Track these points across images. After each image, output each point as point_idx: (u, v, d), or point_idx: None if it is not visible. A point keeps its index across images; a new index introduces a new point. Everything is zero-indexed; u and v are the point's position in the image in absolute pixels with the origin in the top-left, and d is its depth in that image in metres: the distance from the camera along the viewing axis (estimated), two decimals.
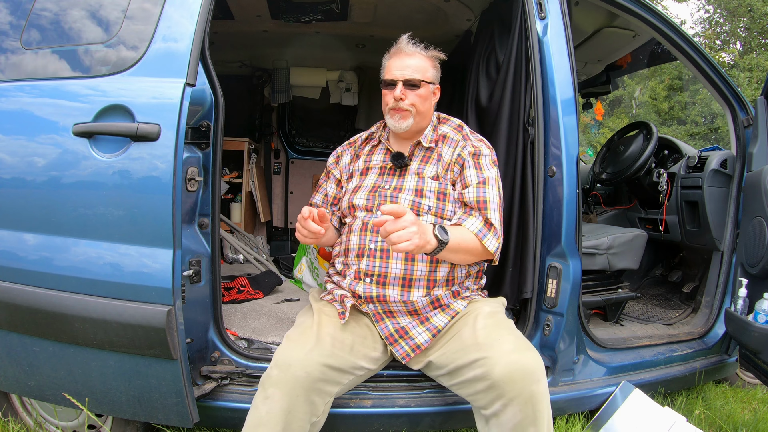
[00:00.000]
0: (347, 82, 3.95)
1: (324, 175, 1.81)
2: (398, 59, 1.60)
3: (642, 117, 14.83)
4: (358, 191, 1.66)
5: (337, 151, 1.82)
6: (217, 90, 1.50)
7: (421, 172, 1.63)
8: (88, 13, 1.53)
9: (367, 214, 1.62)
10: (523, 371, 1.28)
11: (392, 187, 1.63)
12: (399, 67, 1.59)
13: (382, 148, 1.73)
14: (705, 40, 17.00)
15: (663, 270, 3.03)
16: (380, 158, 1.72)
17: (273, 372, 1.31)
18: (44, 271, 1.41)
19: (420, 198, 1.59)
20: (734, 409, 2.19)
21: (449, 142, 1.65)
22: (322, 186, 1.80)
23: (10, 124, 1.46)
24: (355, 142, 1.81)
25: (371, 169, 1.71)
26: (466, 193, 1.56)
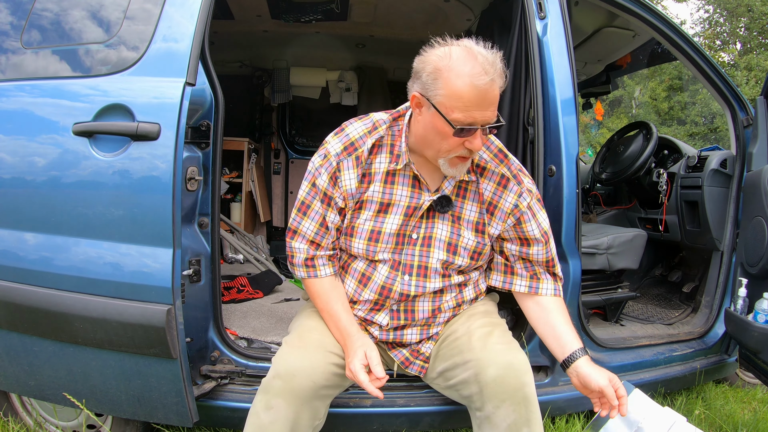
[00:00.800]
0: (347, 82, 3.95)
1: (312, 192, 1.36)
2: (479, 91, 1.13)
3: (642, 117, 14.83)
4: (379, 239, 1.35)
5: (332, 163, 1.33)
6: (217, 90, 1.50)
7: (457, 216, 1.37)
8: (88, 13, 1.53)
9: (391, 272, 1.37)
10: (515, 372, 1.28)
11: (421, 236, 1.36)
12: (481, 105, 1.15)
13: (407, 176, 1.35)
14: (705, 40, 17.00)
15: (663, 270, 3.03)
16: (405, 192, 1.35)
17: (276, 383, 1.24)
18: (44, 270, 1.41)
19: (453, 256, 1.37)
20: (734, 409, 2.19)
21: (492, 177, 1.36)
22: (313, 209, 1.35)
23: (10, 124, 1.46)
24: (356, 150, 1.33)
25: (394, 206, 1.35)
26: (533, 254, 1.41)
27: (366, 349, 1.27)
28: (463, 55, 1.15)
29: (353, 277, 1.41)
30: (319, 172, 1.35)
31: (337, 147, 1.35)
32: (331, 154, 1.34)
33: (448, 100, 1.15)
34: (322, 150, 1.37)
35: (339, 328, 1.34)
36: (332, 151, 1.35)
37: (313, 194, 1.36)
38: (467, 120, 1.16)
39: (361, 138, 1.35)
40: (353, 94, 3.98)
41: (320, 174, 1.35)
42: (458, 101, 1.14)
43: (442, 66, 1.16)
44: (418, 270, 1.37)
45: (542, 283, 1.44)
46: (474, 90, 1.13)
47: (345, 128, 1.38)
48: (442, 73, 1.15)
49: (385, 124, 1.36)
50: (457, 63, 1.14)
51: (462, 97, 1.14)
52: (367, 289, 1.39)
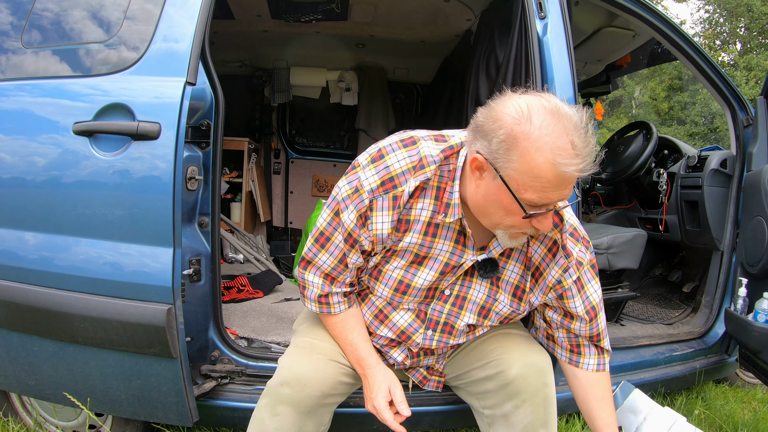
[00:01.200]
0: (347, 81, 3.95)
1: (334, 223, 1.18)
2: (567, 176, 0.93)
3: (642, 117, 14.83)
4: (407, 291, 1.21)
5: (364, 200, 1.11)
6: (218, 89, 1.50)
7: (499, 278, 1.22)
8: (89, 13, 1.53)
9: (415, 321, 1.27)
10: (538, 373, 1.25)
11: (454, 294, 1.24)
12: (561, 186, 0.95)
13: (451, 229, 1.16)
14: (705, 40, 17.01)
15: (663, 270, 3.03)
16: (447, 246, 1.16)
17: (284, 390, 1.19)
18: (45, 269, 1.41)
19: (483, 320, 1.26)
20: (734, 409, 2.19)
21: (544, 241, 1.19)
22: (333, 243, 1.18)
23: (10, 124, 1.46)
24: (395, 188, 1.10)
25: (431, 260, 1.18)
26: (574, 328, 1.28)
27: (390, 385, 1.22)
28: (547, 122, 0.92)
29: (370, 310, 1.30)
30: (345, 205, 1.14)
31: (373, 181, 1.10)
32: (365, 189, 1.11)
33: (521, 176, 0.94)
34: (353, 178, 1.13)
35: (357, 358, 1.27)
36: (366, 185, 1.11)
37: (335, 226, 1.17)
38: (541, 202, 0.96)
39: (403, 174, 1.10)
40: (353, 94, 3.98)
41: (347, 207, 1.13)
42: (535, 181, 0.94)
43: (520, 133, 0.93)
44: (443, 327, 1.28)
45: (584, 357, 1.30)
46: (557, 172, 0.91)
47: (385, 156, 1.12)
48: (518, 143, 0.93)
49: (435, 163, 1.10)
50: (540, 132, 0.92)
51: (540, 177, 0.93)
52: (384, 326, 1.29)
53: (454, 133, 1.16)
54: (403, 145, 1.12)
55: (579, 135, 0.92)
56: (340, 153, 4.31)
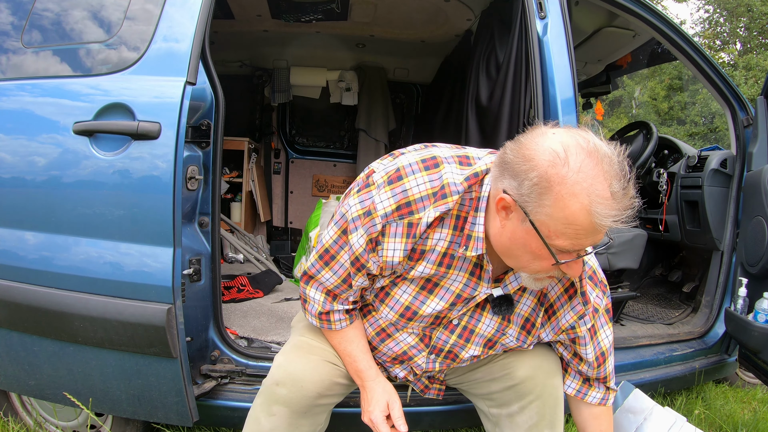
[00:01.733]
0: (347, 81, 3.95)
1: (341, 241, 1.11)
2: (600, 225, 0.86)
3: (642, 117, 14.84)
4: (413, 318, 1.17)
5: (376, 225, 1.03)
6: (218, 89, 1.50)
7: (511, 312, 1.17)
8: (89, 13, 1.53)
9: (419, 344, 1.24)
10: (546, 374, 1.24)
11: (462, 325, 1.19)
12: (595, 233, 0.89)
13: (468, 260, 1.08)
14: (705, 40, 17.01)
15: (663, 270, 3.03)
16: (461, 278, 1.10)
17: (280, 390, 1.18)
18: (45, 269, 1.41)
19: (488, 351, 1.23)
20: (734, 409, 2.19)
21: (561, 280, 1.15)
22: (338, 262, 1.13)
23: (10, 123, 1.46)
24: (411, 215, 1.02)
25: (442, 289, 1.12)
26: (583, 370, 1.26)
27: (389, 399, 1.20)
28: (585, 165, 0.85)
29: (372, 328, 1.26)
30: (355, 226, 1.06)
31: (388, 204, 1.02)
32: (378, 213, 1.02)
33: (554, 222, 0.88)
34: (366, 197, 1.05)
35: (356, 369, 1.24)
36: (380, 209, 1.02)
37: (341, 245, 1.10)
38: (573, 248, 0.91)
39: (422, 200, 1.01)
40: (353, 94, 3.98)
41: (356, 229, 1.06)
42: (568, 228, 0.87)
43: (555, 176, 0.85)
44: (447, 354, 1.25)
45: (592, 391, 1.28)
46: (592, 221, 0.85)
47: (404, 178, 1.02)
48: (552, 188, 0.85)
49: (458, 194, 1.01)
50: (578, 176, 0.84)
51: (574, 224, 0.86)
52: (385, 345, 1.26)
53: (480, 155, 1.08)
54: (425, 167, 1.03)
55: (618, 180, 0.86)
56: (340, 153, 4.32)
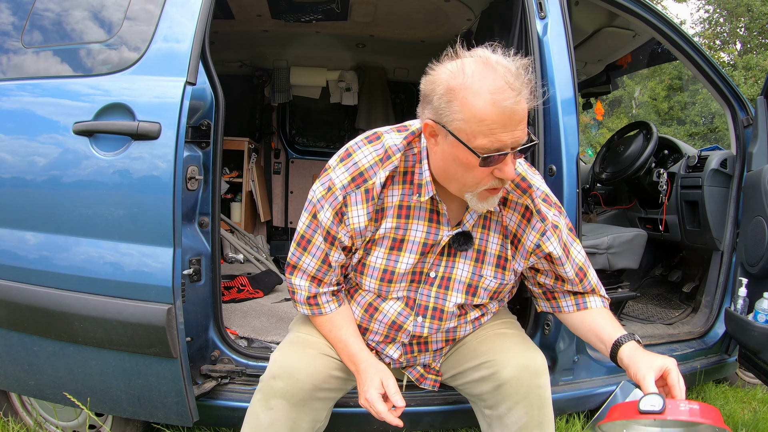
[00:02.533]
0: (347, 81, 3.95)
1: (313, 225, 1.21)
2: (504, 110, 0.96)
3: (642, 117, 14.84)
4: (392, 279, 1.22)
5: (337, 197, 1.15)
6: (218, 89, 1.50)
7: (482, 250, 1.23)
8: (89, 13, 1.53)
9: (405, 309, 1.27)
10: (531, 375, 1.24)
11: (440, 275, 1.24)
12: (508, 125, 0.97)
13: (423, 209, 1.18)
14: (705, 40, 17.02)
15: (663, 270, 3.03)
16: (422, 226, 1.19)
17: (276, 383, 1.20)
18: (45, 269, 1.41)
19: (471, 298, 1.26)
20: (734, 409, 2.19)
21: (516, 208, 1.21)
22: (314, 245, 1.21)
23: (10, 123, 1.46)
24: (365, 182, 1.15)
25: (408, 243, 1.19)
26: (570, 289, 1.30)
27: (382, 377, 1.20)
28: (479, 69, 0.97)
29: (360, 306, 1.31)
30: (321, 205, 1.17)
31: (344, 177, 1.15)
32: (337, 187, 1.15)
33: (468, 124, 0.97)
34: (325, 179, 1.18)
35: (349, 354, 1.25)
36: (337, 183, 1.15)
37: (314, 228, 1.21)
38: (494, 145, 0.98)
39: (371, 168, 1.15)
40: (353, 94, 3.98)
41: (322, 207, 1.17)
42: (481, 125, 0.96)
43: (456, 85, 0.98)
44: (433, 312, 1.27)
45: (588, 298, 1.31)
46: (498, 109, 0.95)
47: (352, 153, 1.17)
48: (456, 94, 0.97)
49: (399, 151, 1.15)
50: (474, 79, 0.97)
51: (484, 119, 0.96)
52: (375, 320, 1.29)
53: (414, 122, 1.20)
54: (368, 141, 1.18)
55: (510, 71, 0.96)
56: None
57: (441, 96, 1.00)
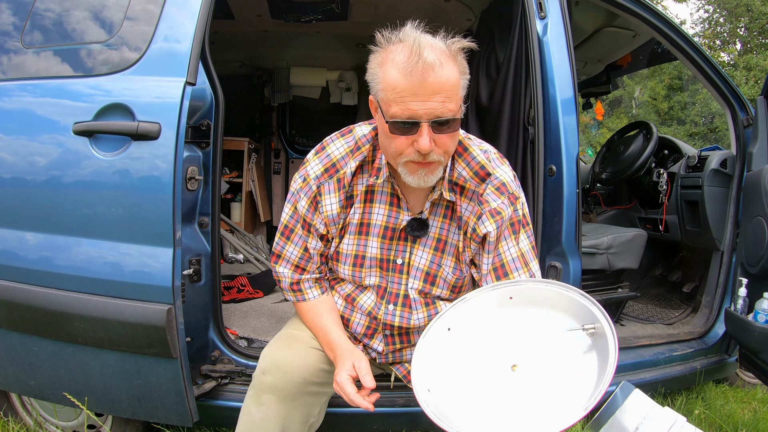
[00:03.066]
0: (347, 81, 3.95)
1: (294, 216, 1.28)
2: (413, 76, 0.99)
3: (642, 117, 14.84)
4: (363, 264, 1.28)
5: (311, 187, 1.23)
6: (218, 89, 1.50)
7: (442, 239, 1.25)
8: (89, 13, 1.53)
9: (377, 299, 1.30)
10: None
11: (406, 262, 1.27)
12: (419, 94, 1.00)
13: (385, 193, 1.24)
14: (705, 40, 17.02)
15: (663, 270, 3.03)
16: (383, 210, 1.24)
17: (266, 378, 1.22)
18: (45, 269, 1.41)
19: (431, 287, 1.27)
20: (734, 409, 2.19)
21: (473, 197, 1.22)
22: (296, 234, 1.29)
23: (10, 123, 1.46)
24: (337, 172, 1.22)
25: (372, 227, 1.25)
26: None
27: (354, 360, 1.17)
28: (400, 45, 1.04)
29: (341, 296, 1.36)
30: (299, 196, 1.26)
31: (317, 169, 1.24)
32: (311, 177, 1.24)
33: (385, 93, 1.04)
34: (302, 171, 1.26)
35: (328, 342, 1.26)
36: (312, 174, 1.24)
37: (295, 219, 1.28)
38: (405, 113, 1.01)
39: (342, 159, 1.23)
40: (353, 94, 3.98)
41: (300, 198, 1.25)
42: (392, 92, 1.02)
43: (381, 60, 1.06)
44: (403, 300, 1.29)
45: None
46: (406, 76, 0.99)
47: (326, 147, 1.26)
48: (380, 67, 1.06)
49: (368, 142, 1.22)
50: (393, 53, 1.04)
51: (395, 87, 1.01)
52: (356, 311, 1.33)
53: None
54: (341, 135, 1.27)
55: (424, 43, 1.00)
56: None
57: (371, 71, 1.09)
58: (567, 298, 1.03)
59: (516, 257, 1.21)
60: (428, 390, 1.00)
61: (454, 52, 1.05)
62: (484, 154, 1.22)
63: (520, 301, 1.08)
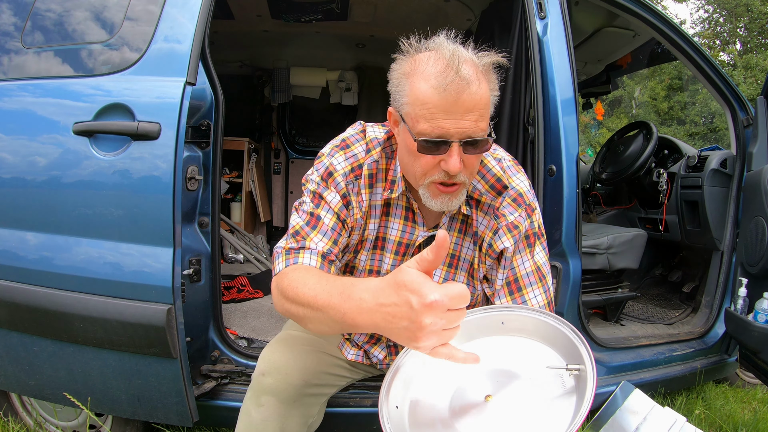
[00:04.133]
0: (347, 81, 3.95)
1: (321, 205, 1.11)
2: (447, 93, 0.91)
3: (642, 117, 14.84)
4: (379, 276, 1.16)
5: (339, 184, 1.12)
6: (218, 89, 1.50)
7: (456, 255, 1.19)
8: (89, 13, 1.53)
9: None
10: None
11: None
12: (452, 112, 0.93)
13: (400, 206, 1.17)
14: (705, 40, 17.02)
15: (663, 270, 3.03)
16: (398, 225, 1.17)
17: (266, 380, 1.20)
18: (45, 270, 1.41)
19: None
20: (734, 409, 2.19)
21: (488, 211, 1.16)
22: (323, 221, 1.10)
23: (11, 123, 1.46)
24: (361, 176, 1.14)
25: (388, 242, 1.19)
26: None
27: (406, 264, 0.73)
28: (432, 56, 0.96)
29: None
30: (324, 187, 1.12)
31: (344, 165, 1.12)
32: (338, 173, 1.12)
33: (412, 108, 0.96)
34: (321, 166, 1.14)
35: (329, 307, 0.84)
36: (339, 169, 1.12)
37: (323, 207, 1.11)
38: (435, 131, 0.94)
39: (365, 163, 1.14)
40: (353, 94, 3.98)
41: (326, 190, 1.12)
42: (422, 108, 0.94)
43: (408, 70, 0.98)
44: None
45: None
46: (440, 92, 0.91)
47: (350, 145, 1.15)
48: (407, 78, 0.97)
49: (380, 145, 1.14)
50: (424, 65, 0.95)
51: (426, 102, 0.93)
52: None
53: None
54: (362, 134, 1.18)
55: (461, 57, 0.93)
56: None
57: (395, 81, 1.01)
58: (557, 331, 0.96)
59: (531, 271, 1.14)
60: (396, 407, 0.93)
61: (486, 67, 0.98)
62: (499, 164, 1.15)
63: (511, 329, 1.01)
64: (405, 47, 1.00)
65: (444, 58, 0.93)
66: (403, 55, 1.02)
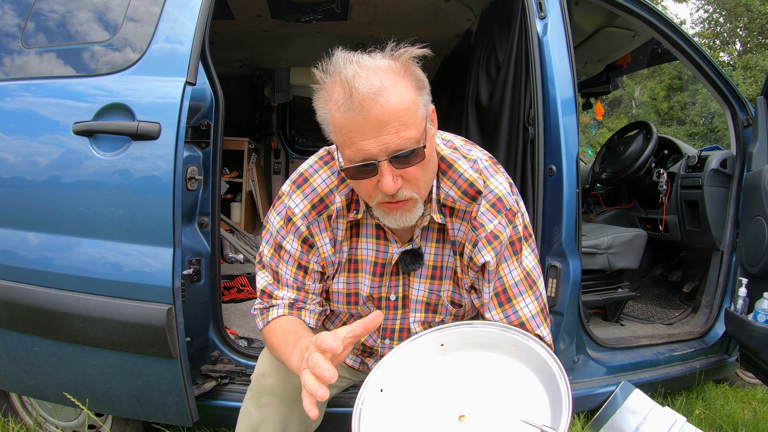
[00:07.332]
0: None
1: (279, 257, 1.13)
2: (356, 115, 0.87)
3: (642, 117, 14.84)
4: (358, 302, 1.19)
5: (299, 228, 1.09)
6: (218, 89, 1.50)
7: (438, 266, 1.15)
8: (89, 13, 1.53)
9: (373, 333, 1.23)
10: None
11: (400, 296, 1.18)
12: (365, 131, 0.88)
13: (369, 225, 1.13)
14: (705, 40, 17.02)
15: (663, 270, 3.04)
16: (371, 245, 1.14)
17: (268, 381, 1.20)
18: (45, 270, 1.41)
19: (433, 315, 1.19)
20: (734, 409, 2.19)
21: (465, 217, 1.10)
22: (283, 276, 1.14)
23: (11, 123, 1.46)
24: (326, 208, 1.10)
25: (363, 263, 1.15)
26: (492, 318, 1.10)
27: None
28: (335, 80, 0.92)
29: (334, 326, 1.28)
30: (283, 236, 1.11)
31: (302, 206, 1.09)
32: (297, 216, 1.09)
33: (336, 137, 0.94)
34: (280, 208, 1.11)
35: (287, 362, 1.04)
36: (297, 212, 1.09)
37: (284, 259, 1.13)
38: (358, 155, 0.89)
39: (331, 192, 1.09)
40: None
41: (285, 238, 1.11)
42: (341, 135, 0.91)
43: (323, 102, 0.95)
44: (400, 333, 1.23)
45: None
46: (348, 115, 0.87)
47: (308, 178, 1.10)
48: (325, 109, 0.95)
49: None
50: (330, 92, 0.93)
51: (342, 129, 0.90)
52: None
53: None
54: (322, 162, 1.12)
55: (362, 74, 0.88)
56: None
57: (319, 114, 0.97)
58: (528, 349, 0.94)
59: (519, 280, 1.09)
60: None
61: (403, 65, 0.91)
62: (473, 166, 1.08)
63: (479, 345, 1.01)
64: (318, 77, 0.97)
65: (343, 79, 0.89)
66: (318, 85, 0.98)
